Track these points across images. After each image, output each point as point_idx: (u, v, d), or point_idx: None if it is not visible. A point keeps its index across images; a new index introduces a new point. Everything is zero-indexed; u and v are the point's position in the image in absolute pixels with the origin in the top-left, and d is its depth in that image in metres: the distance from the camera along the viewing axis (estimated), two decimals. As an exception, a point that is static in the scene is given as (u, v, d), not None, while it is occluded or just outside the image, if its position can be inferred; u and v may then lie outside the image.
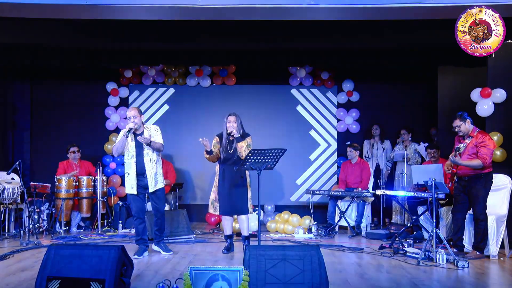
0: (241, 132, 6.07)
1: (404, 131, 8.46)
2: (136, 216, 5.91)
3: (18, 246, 6.34)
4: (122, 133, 5.87)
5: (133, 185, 5.83)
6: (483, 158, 5.68)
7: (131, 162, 5.85)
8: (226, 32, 6.82)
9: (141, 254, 5.81)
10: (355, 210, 7.95)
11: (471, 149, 5.80)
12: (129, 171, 5.86)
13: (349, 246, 6.54)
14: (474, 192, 5.81)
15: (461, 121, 5.87)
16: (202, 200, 9.16)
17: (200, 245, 6.68)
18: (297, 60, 7.95)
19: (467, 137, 5.90)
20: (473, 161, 5.74)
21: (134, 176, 5.82)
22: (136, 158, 5.84)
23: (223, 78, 9.19)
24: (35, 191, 7.35)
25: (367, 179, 8.01)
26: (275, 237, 7.41)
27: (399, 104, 9.21)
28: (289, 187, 9.11)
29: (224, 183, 6.08)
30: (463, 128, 5.88)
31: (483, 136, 5.80)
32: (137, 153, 5.85)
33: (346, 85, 9.17)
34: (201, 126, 9.14)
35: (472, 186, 5.83)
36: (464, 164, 5.78)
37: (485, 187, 5.80)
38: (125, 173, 5.92)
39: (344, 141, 9.09)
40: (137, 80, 9.23)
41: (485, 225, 5.78)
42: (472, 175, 5.82)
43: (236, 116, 6.10)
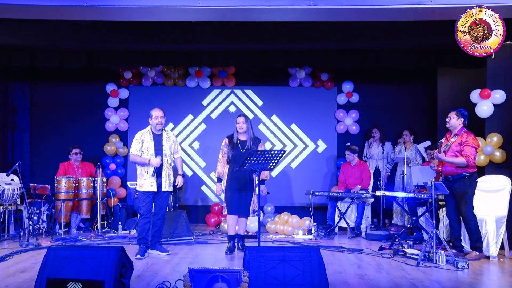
0: (251, 135, 6.17)
1: (407, 132, 8.46)
2: (144, 215, 5.94)
3: (18, 248, 6.34)
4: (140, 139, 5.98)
5: (152, 183, 5.93)
6: (467, 156, 5.75)
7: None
8: (225, 33, 6.84)
9: (143, 253, 5.83)
10: (354, 211, 7.95)
11: (455, 147, 5.87)
12: (148, 170, 5.93)
13: (349, 247, 6.54)
14: (460, 193, 5.87)
15: (456, 116, 5.94)
16: (201, 201, 9.18)
17: (200, 246, 6.68)
18: (296, 61, 7.95)
19: (453, 136, 5.96)
20: (457, 158, 5.82)
21: (154, 174, 5.92)
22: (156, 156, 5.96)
23: (223, 79, 9.20)
24: (34, 193, 7.35)
25: (367, 179, 8.03)
26: (274, 238, 7.42)
27: (399, 105, 9.21)
28: (289, 188, 9.11)
29: (232, 183, 6.13)
30: (452, 122, 5.97)
31: (467, 135, 5.87)
32: (156, 153, 5.97)
33: (345, 86, 9.17)
34: (200, 128, 9.17)
35: (457, 186, 5.88)
36: (447, 160, 5.85)
37: (470, 187, 5.85)
38: (142, 172, 5.95)
39: (344, 142, 9.10)
40: (136, 81, 9.24)
41: (475, 225, 5.82)
42: (456, 174, 5.87)
43: (245, 117, 6.24)
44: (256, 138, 6.28)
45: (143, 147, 5.95)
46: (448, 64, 7.61)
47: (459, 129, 5.95)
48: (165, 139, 6.10)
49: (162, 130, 6.11)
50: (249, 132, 6.20)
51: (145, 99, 9.17)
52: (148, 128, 6.08)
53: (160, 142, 6.03)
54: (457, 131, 5.96)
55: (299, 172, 9.18)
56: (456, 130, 5.97)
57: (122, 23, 6.28)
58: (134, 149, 5.96)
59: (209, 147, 9.09)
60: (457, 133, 5.94)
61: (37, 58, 7.69)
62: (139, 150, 5.95)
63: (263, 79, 9.25)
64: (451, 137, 6.01)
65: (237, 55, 7.83)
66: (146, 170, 5.94)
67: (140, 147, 5.95)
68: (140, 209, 6.06)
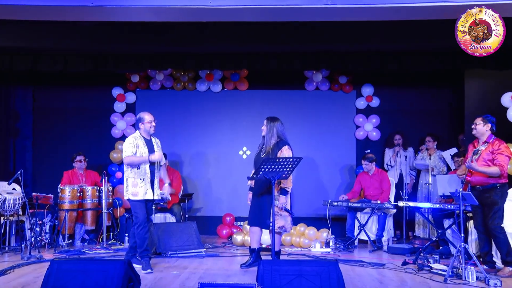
0: (274, 139, 6.00)
1: (430, 138, 8.38)
2: (142, 225, 5.94)
3: (19, 261, 6.36)
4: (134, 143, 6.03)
5: (147, 190, 5.98)
6: (500, 165, 5.68)
7: (145, 167, 6.01)
8: (238, 34, 6.83)
9: (150, 266, 5.83)
10: (375, 222, 7.89)
11: (487, 155, 5.80)
12: (143, 177, 5.98)
13: (370, 261, 6.49)
14: (489, 204, 5.79)
15: (482, 122, 5.88)
16: (212, 211, 9.16)
17: (211, 260, 6.67)
18: (313, 63, 7.92)
19: (482, 143, 5.88)
20: (490, 168, 5.73)
21: (148, 181, 5.99)
22: (149, 163, 6.04)
23: (235, 83, 9.21)
24: (37, 202, 7.38)
25: (387, 190, 7.95)
26: (290, 251, 7.39)
27: (422, 109, 9.14)
28: (305, 198, 9.07)
29: (253, 192, 6.09)
30: (479, 128, 5.91)
31: (499, 143, 5.80)
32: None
33: (365, 90, 9.13)
34: (211, 134, 9.17)
35: (487, 197, 5.80)
36: (480, 170, 5.76)
37: (501, 198, 5.78)
38: (137, 179, 5.97)
39: (363, 149, 9.04)
40: (144, 85, 9.28)
41: (505, 237, 5.75)
42: (486, 185, 5.79)
43: (267, 120, 6.15)
44: (280, 142, 6.01)
45: (137, 152, 5.99)
46: (477, 65, 7.52)
47: (488, 136, 5.87)
48: (155, 144, 6.22)
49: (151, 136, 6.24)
50: (269, 135, 6.03)
51: (153, 104, 9.18)
52: (138, 133, 6.15)
53: (152, 148, 6.13)
54: (485, 138, 5.88)
55: (315, 180, 9.13)
56: (484, 137, 5.90)
57: (129, 24, 6.31)
58: (130, 151, 5.98)
59: (220, 153, 9.10)
60: (487, 141, 5.87)
61: (40, 61, 7.75)
62: (134, 155, 6.00)
63: (277, 83, 9.24)
64: (479, 145, 5.94)
65: (250, 57, 7.83)
66: (141, 177, 5.98)
67: (135, 151, 5.99)
68: (136, 219, 6.01)
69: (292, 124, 9.14)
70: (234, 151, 9.16)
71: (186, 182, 9.06)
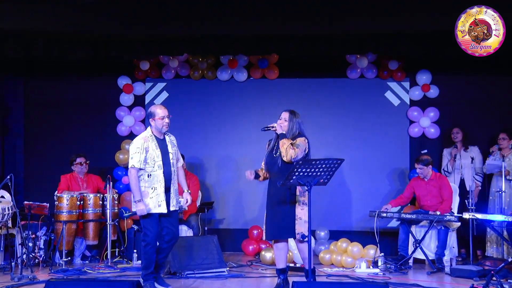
0: (293, 133, 5.93)
1: (504, 135, 8.25)
2: (151, 244, 5.87)
3: (9, 282, 6.40)
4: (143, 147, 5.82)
5: (160, 202, 5.82)
6: None
7: (158, 174, 5.84)
8: (266, 14, 6.82)
9: None
10: (435, 238, 7.81)
11: None
12: (155, 185, 5.83)
13: (429, 285, 6.43)
14: None
15: None
16: (236, 224, 9.18)
17: (235, 281, 6.69)
18: (357, 46, 7.90)
19: None
20: None
21: (162, 191, 5.84)
22: (164, 169, 5.87)
23: (263, 70, 9.22)
24: (29, 213, 7.41)
25: (449, 198, 7.84)
26: (330, 272, 7.37)
27: (492, 101, 9.04)
28: (347, 207, 9.04)
29: (269, 199, 6.02)
30: None
31: None
32: (164, 162, 5.88)
33: (421, 77, 9.05)
34: (235, 130, 9.19)
35: None
36: None
37: None
38: (148, 188, 5.83)
39: (419, 149, 8.95)
40: (155, 73, 9.34)
41: None
42: None
43: (289, 113, 6.02)
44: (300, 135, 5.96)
45: (147, 157, 5.80)
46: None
47: None
48: (170, 144, 6.03)
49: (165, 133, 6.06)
50: (290, 132, 5.95)
51: (166, 95, 9.26)
52: (149, 131, 5.97)
53: (166, 149, 5.95)
54: None
55: (360, 187, 9.10)
56: None
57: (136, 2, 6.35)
58: (137, 161, 5.76)
59: (246, 154, 9.09)
60: None
61: (32, 47, 7.84)
62: (143, 162, 5.79)
63: (313, 70, 9.21)
64: None
65: (280, 40, 7.83)
66: (152, 186, 5.82)
67: (144, 157, 5.79)
68: (144, 235, 5.93)
69: (330, 118, 9.16)
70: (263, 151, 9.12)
71: (206, 188, 9.10)
